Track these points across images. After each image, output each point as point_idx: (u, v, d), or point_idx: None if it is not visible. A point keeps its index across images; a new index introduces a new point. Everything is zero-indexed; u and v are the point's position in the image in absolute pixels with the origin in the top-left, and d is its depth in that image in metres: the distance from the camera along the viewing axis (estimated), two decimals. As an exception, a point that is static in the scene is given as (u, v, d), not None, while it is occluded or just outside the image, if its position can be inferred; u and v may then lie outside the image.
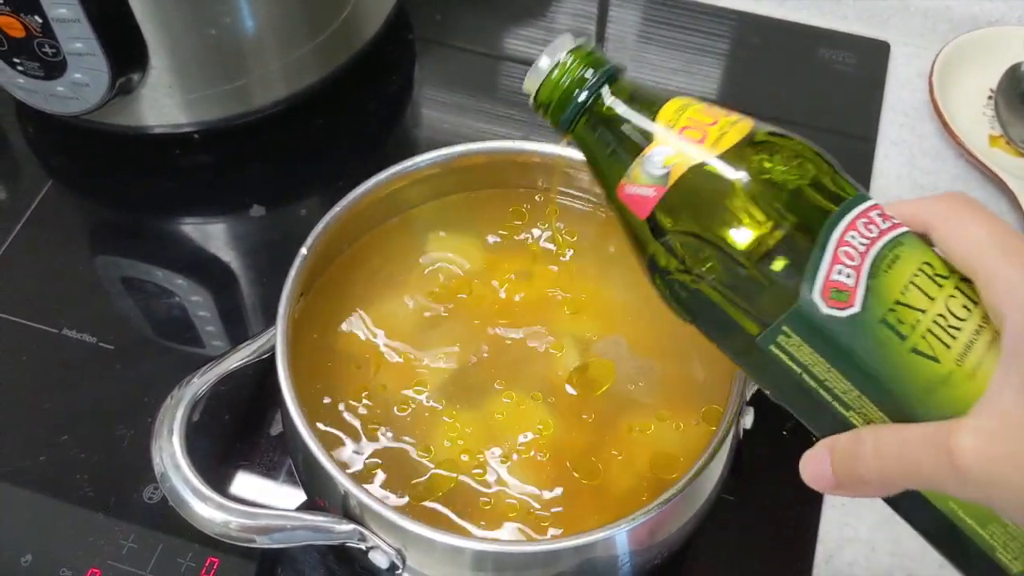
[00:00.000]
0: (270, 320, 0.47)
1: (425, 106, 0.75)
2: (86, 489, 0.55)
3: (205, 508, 0.42)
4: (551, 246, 0.54)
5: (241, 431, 0.56)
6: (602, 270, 0.54)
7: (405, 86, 0.75)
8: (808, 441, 0.55)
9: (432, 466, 0.47)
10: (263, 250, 0.65)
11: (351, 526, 0.42)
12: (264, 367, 0.52)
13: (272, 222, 0.66)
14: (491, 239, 0.54)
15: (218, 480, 0.54)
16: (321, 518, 0.43)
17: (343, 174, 0.69)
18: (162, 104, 0.63)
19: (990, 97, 0.70)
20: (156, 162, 0.69)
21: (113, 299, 0.64)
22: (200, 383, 0.45)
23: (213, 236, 0.67)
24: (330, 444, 0.47)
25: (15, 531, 0.53)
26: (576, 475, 0.47)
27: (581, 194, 0.55)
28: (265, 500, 0.54)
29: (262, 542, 0.42)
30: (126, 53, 0.58)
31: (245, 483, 0.55)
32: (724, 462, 0.46)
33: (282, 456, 0.55)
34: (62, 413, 0.57)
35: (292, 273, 0.47)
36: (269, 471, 0.55)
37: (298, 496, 0.53)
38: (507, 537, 0.45)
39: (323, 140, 0.70)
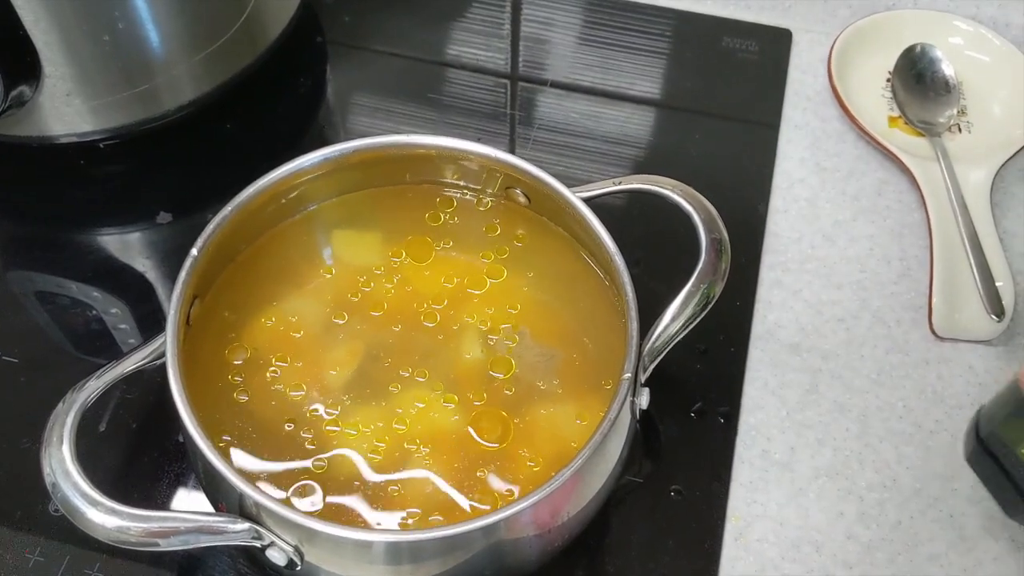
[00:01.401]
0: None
1: (337, 107, 0.75)
2: (-10, 504, 0.54)
3: (97, 514, 0.41)
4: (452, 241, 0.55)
5: (148, 438, 0.56)
6: (503, 262, 0.54)
7: (315, 88, 0.75)
8: (716, 423, 0.57)
9: (337, 461, 0.47)
10: (173, 257, 0.65)
11: (246, 525, 0.42)
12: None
13: (180, 228, 0.66)
14: (392, 235, 0.54)
15: (127, 488, 0.54)
16: (215, 518, 0.43)
17: (253, 177, 0.69)
18: (62, 113, 0.63)
19: (888, 79, 0.71)
20: (62, 173, 0.68)
21: (26, 312, 0.63)
22: (93, 387, 0.45)
23: (127, 245, 0.67)
24: (233, 444, 0.47)
25: (-83, 550, 0.52)
26: (481, 462, 0.47)
27: (478, 187, 0.55)
28: (176, 507, 0.54)
29: (159, 546, 0.42)
30: (17, 63, 0.57)
31: (155, 491, 0.54)
32: (621, 442, 0.47)
33: (190, 462, 0.55)
34: (-35, 428, 0.57)
35: (182, 275, 0.47)
36: (178, 477, 0.55)
37: (205, 503, 0.53)
38: (416, 526, 0.45)
39: (233, 144, 0.70)
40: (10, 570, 0.52)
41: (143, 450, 0.56)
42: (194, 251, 0.47)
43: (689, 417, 0.57)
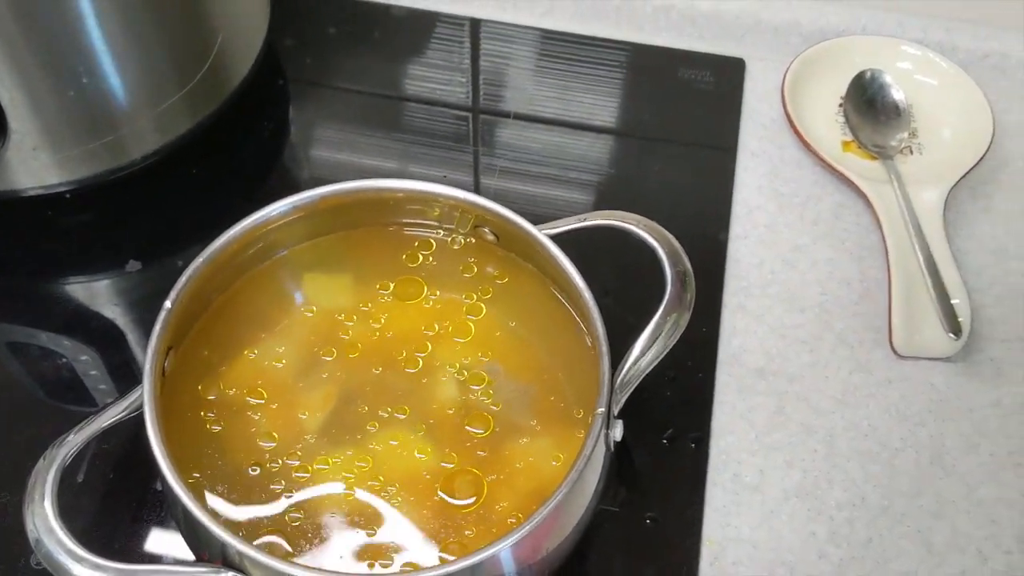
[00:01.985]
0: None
1: (301, 147, 0.75)
2: (-32, 560, 0.54)
3: (81, 570, 0.42)
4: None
5: (126, 487, 0.56)
6: (477, 300, 0.55)
7: (279, 129, 0.76)
8: (687, 448, 0.58)
9: (314, 507, 0.48)
10: (143, 304, 0.65)
11: (230, 574, 0.43)
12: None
13: (149, 276, 0.66)
14: (364, 277, 0.55)
15: (107, 538, 0.54)
16: (200, 569, 0.43)
17: (221, 221, 0.69)
18: (29, 166, 0.63)
19: (840, 105, 0.73)
20: (30, 224, 0.68)
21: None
22: (73, 443, 0.45)
23: (95, 294, 0.67)
24: (211, 491, 0.47)
25: None
26: (458, 502, 0.48)
27: (449, 226, 0.56)
28: (158, 554, 0.54)
29: (143, 598, 0.42)
30: (-18, 120, 0.58)
31: (135, 539, 0.54)
32: (597, 473, 0.48)
33: (170, 513, 0.55)
34: (-58, 485, 0.56)
35: (157, 328, 0.47)
36: (158, 526, 0.55)
37: (189, 552, 0.53)
38: (395, 570, 0.46)
39: (200, 189, 0.71)
40: (-9, 628, 0.52)
41: (122, 499, 0.56)
42: (167, 304, 0.48)
43: (661, 444, 0.58)
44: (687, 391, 0.60)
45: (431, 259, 0.56)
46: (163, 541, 0.54)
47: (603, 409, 0.46)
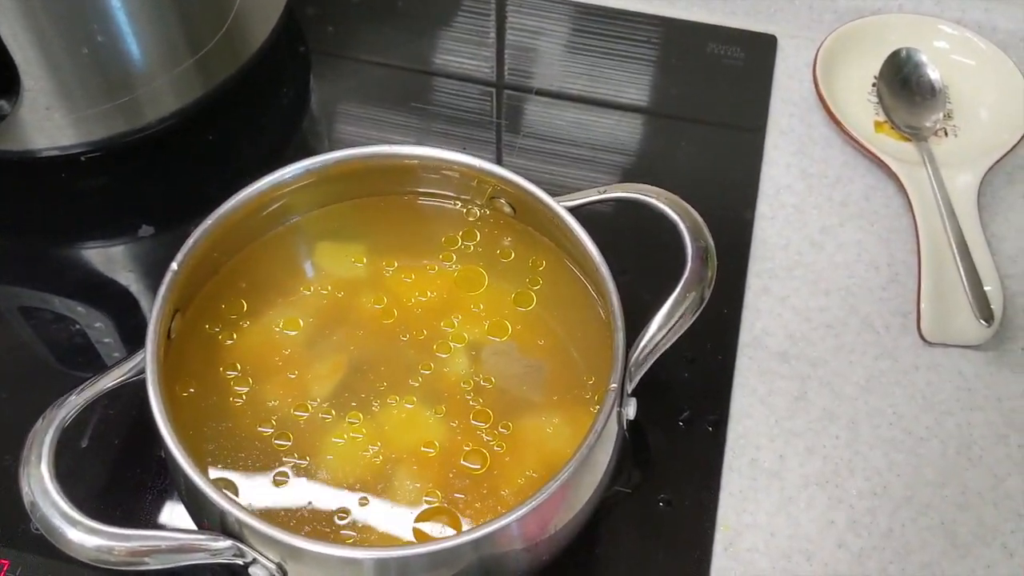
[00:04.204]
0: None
1: (321, 117, 0.74)
2: (-28, 523, 0.53)
3: (76, 534, 0.41)
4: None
5: (131, 454, 0.55)
6: (489, 273, 0.54)
7: (298, 98, 0.74)
8: (704, 431, 0.56)
9: (322, 476, 0.47)
10: (155, 270, 0.64)
11: (228, 542, 0.42)
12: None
13: (162, 241, 0.65)
14: (378, 246, 0.54)
15: (109, 505, 0.53)
16: (197, 536, 0.42)
17: (237, 188, 0.68)
18: (43, 127, 0.62)
19: (873, 84, 0.71)
20: (43, 187, 0.67)
21: (8, 327, 0.62)
22: (73, 404, 0.44)
23: (110, 259, 0.66)
24: (214, 458, 0.46)
25: None
26: (467, 477, 0.47)
27: (464, 197, 0.55)
28: (161, 523, 0.53)
29: (140, 565, 0.42)
30: (-5, 77, 0.57)
31: (138, 507, 0.53)
32: (609, 452, 0.46)
33: (173, 478, 0.54)
34: (-54, 447, 0.56)
35: (162, 290, 0.46)
36: (162, 493, 0.54)
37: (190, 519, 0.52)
38: (406, 540, 0.45)
39: (216, 155, 0.70)
40: (-9, 590, 0.51)
41: (126, 466, 0.55)
42: (174, 265, 0.47)
43: (677, 426, 0.57)
44: (706, 373, 0.59)
45: (445, 230, 0.54)
46: (167, 510, 0.53)
47: (616, 385, 0.45)
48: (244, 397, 0.49)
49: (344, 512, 0.46)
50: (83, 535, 0.41)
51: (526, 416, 0.49)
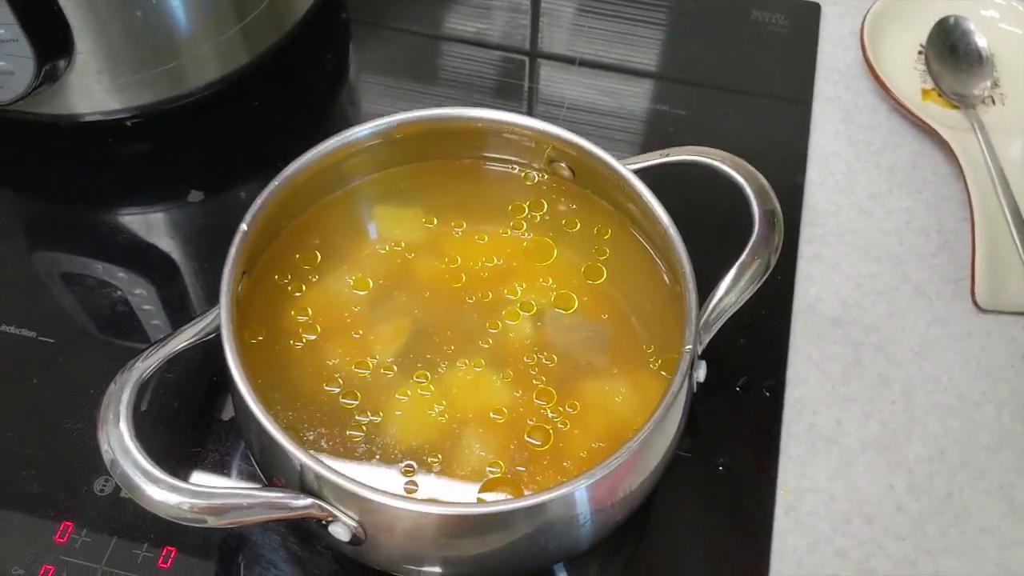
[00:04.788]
0: (214, 305, 0.46)
1: (361, 85, 0.74)
2: (34, 486, 0.53)
3: (158, 491, 0.41)
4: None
5: (192, 418, 0.55)
6: (548, 237, 0.53)
7: (340, 66, 0.74)
8: (761, 397, 0.56)
9: (388, 436, 0.47)
10: (203, 236, 0.64)
11: (308, 500, 0.42)
12: (209, 354, 0.52)
13: (212, 207, 0.65)
14: (438, 211, 0.54)
15: (171, 469, 0.53)
16: (277, 494, 0.42)
17: (281, 154, 0.68)
18: (92, 90, 0.62)
19: (920, 52, 0.71)
20: (90, 152, 0.67)
21: (53, 294, 0.62)
22: (145, 366, 0.44)
23: (153, 225, 0.66)
24: (283, 421, 0.46)
25: (-37, 532, 0.52)
26: (532, 441, 0.47)
27: (522, 161, 0.55)
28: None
29: (218, 522, 0.42)
30: (50, 38, 0.56)
31: (199, 470, 0.53)
32: (680, 416, 0.47)
33: (235, 441, 0.54)
34: (4, 410, 0.56)
35: (232, 251, 0.46)
36: (223, 457, 0.54)
37: (254, 482, 0.52)
38: (468, 502, 0.45)
39: (259, 122, 0.69)
40: (57, 552, 0.51)
41: (185, 430, 0.55)
42: (243, 226, 0.47)
43: (735, 391, 0.57)
44: (761, 339, 0.59)
45: (510, 197, 0.54)
46: (228, 472, 0.53)
47: (690, 347, 0.45)
48: (307, 358, 0.49)
49: (410, 470, 0.46)
50: (165, 493, 0.40)
51: (591, 387, 0.49)
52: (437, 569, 0.45)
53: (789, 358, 0.58)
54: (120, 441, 0.41)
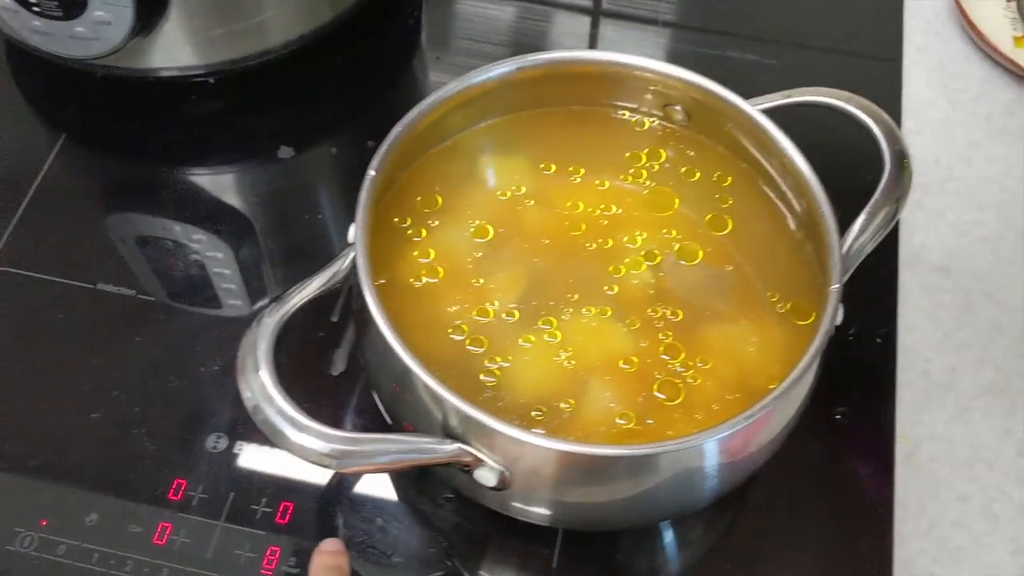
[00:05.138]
0: (312, 260, 0.45)
1: (442, 39, 0.73)
2: (146, 443, 0.53)
3: (304, 437, 0.40)
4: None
5: (302, 374, 0.54)
6: (664, 183, 0.52)
7: (418, 23, 0.73)
8: (873, 346, 0.55)
9: (518, 383, 0.46)
10: (296, 192, 0.63)
11: (455, 445, 0.41)
12: (316, 310, 0.51)
13: (302, 163, 0.64)
14: (552, 158, 0.53)
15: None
16: (424, 439, 0.41)
17: (367, 110, 0.67)
18: (176, 45, 0.61)
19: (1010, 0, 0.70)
20: (172, 110, 0.66)
21: (145, 252, 0.61)
22: (282, 312, 0.43)
23: (239, 183, 0.65)
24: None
25: (78, 492, 0.51)
26: (660, 396, 0.46)
27: (634, 106, 0.54)
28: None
29: (361, 468, 0.41)
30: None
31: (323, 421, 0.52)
32: (819, 358, 0.46)
33: (347, 396, 0.54)
34: (110, 369, 0.55)
35: (363, 195, 0.45)
36: (336, 412, 0.53)
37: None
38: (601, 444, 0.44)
39: (342, 78, 0.68)
40: (175, 509, 0.50)
41: (295, 387, 0.54)
42: (371, 171, 0.46)
43: (847, 340, 0.56)
44: (870, 289, 0.58)
45: (627, 145, 0.53)
46: (343, 427, 0.52)
47: (837, 285, 0.44)
48: (423, 308, 0.48)
49: (540, 418, 0.45)
50: (312, 438, 0.40)
51: (719, 338, 0.48)
52: (563, 516, 0.46)
53: (898, 307, 0.57)
54: (263, 388, 0.41)
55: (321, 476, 0.52)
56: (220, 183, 0.65)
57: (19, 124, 0.66)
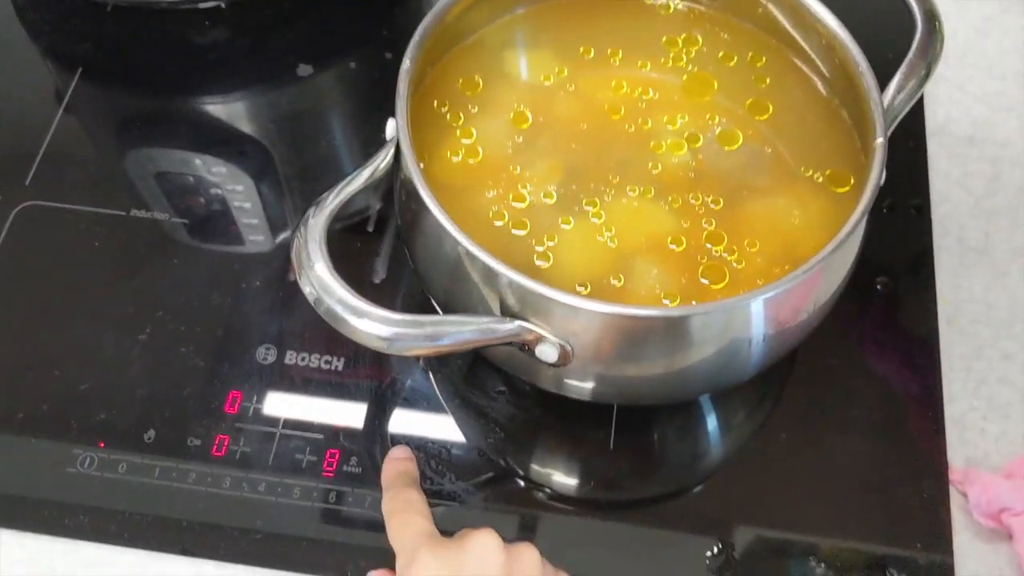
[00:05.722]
0: (341, 167, 0.44)
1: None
2: (195, 360, 0.53)
3: (367, 323, 0.40)
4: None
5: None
6: (694, 64, 0.52)
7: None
8: (908, 216, 0.56)
9: (565, 263, 0.46)
10: (317, 109, 0.63)
11: (515, 323, 0.41)
12: (353, 224, 0.51)
13: (322, 80, 0.64)
14: (587, 46, 0.52)
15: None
16: (487, 319, 0.42)
17: (382, 26, 0.67)
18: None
19: None
20: (186, 38, 0.66)
21: (175, 179, 0.61)
22: (332, 204, 0.43)
23: (260, 106, 0.64)
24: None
25: (136, 408, 0.51)
26: (705, 281, 0.46)
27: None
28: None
29: (427, 349, 0.41)
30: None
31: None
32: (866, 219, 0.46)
33: (390, 301, 0.54)
34: (152, 291, 0.55)
35: (401, 88, 0.45)
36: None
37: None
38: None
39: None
40: (232, 420, 0.51)
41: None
42: (407, 62, 0.45)
43: (881, 212, 0.56)
44: (900, 160, 0.58)
45: (661, 30, 0.53)
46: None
47: (882, 139, 0.44)
48: (467, 199, 0.48)
49: (586, 287, 0.45)
50: (375, 324, 0.40)
51: (751, 200, 0.48)
52: (618, 390, 0.46)
53: (929, 177, 0.58)
54: (320, 279, 0.41)
55: (375, 377, 0.52)
56: (243, 106, 0.64)
57: (35, 62, 0.66)
